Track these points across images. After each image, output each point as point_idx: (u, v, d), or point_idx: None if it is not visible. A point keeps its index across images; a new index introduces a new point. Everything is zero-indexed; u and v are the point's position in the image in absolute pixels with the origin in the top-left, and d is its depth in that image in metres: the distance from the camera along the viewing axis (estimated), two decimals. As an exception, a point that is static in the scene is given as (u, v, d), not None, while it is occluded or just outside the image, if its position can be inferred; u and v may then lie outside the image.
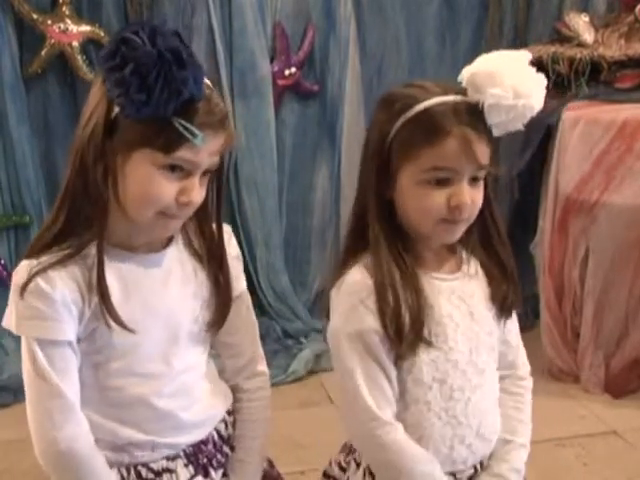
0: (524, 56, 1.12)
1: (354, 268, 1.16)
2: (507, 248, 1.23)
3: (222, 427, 1.22)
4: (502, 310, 1.23)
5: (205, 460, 1.19)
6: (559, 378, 2.64)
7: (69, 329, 1.06)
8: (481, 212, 1.17)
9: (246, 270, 3.49)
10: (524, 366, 1.31)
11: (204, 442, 1.19)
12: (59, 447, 1.06)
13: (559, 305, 2.66)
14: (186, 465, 1.16)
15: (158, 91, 0.96)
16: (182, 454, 1.16)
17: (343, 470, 1.27)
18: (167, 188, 1.03)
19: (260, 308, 3.04)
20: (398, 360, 1.15)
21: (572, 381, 2.63)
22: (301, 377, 2.72)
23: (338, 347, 1.15)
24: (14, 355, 2.63)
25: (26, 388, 1.09)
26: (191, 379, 1.17)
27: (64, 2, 2.64)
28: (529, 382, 1.31)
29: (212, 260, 1.16)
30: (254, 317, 1.26)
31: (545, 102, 1.13)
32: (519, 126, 1.11)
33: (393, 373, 1.15)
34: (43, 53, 2.64)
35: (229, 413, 1.24)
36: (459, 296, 1.19)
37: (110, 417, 1.11)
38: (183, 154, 1.02)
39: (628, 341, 2.57)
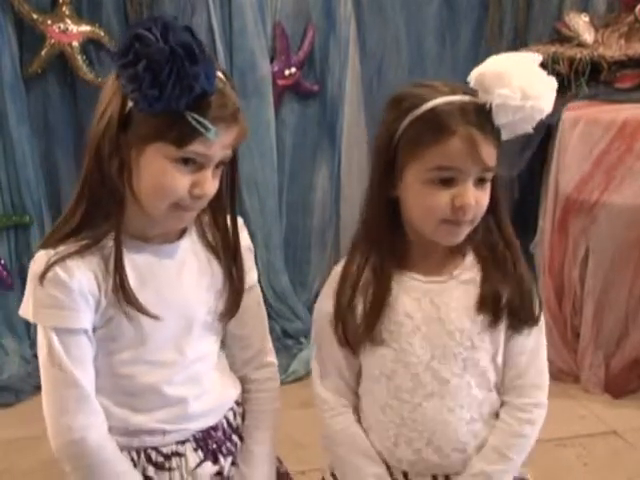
0: (534, 58, 1.12)
1: (344, 259, 1.22)
2: (517, 255, 1.19)
3: (231, 416, 1.24)
4: (497, 317, 1.16)
5: (215, 446, 1.21)
6: (559, 378, 2.63)
7: (85, 318, 1.08)
8: (487, 215, 1.16)
9: (246, 270, 3.43)
10: (527, 396, 1.21)
11: (214, 428, 1.21)
12: (73, 436, 1.08)
13: (559, 305, 2.66)
14: (195, 450, 1.18)
15: (170, 86, 0.98)
16: (191, 438, 1.18)
17: None
18: (180, 181, 1.05)
19: (260, 308, 3.05)
20: (347, 348, 1.19)
21: (572, 381, 2.63)
22: (301, 377, 2.72)
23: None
24: (14, 355, 2.63)
25: (42, 377, 1.11)
26: (203, 369, 1.19)
27: (64, 2, 2.64)
28: (529, 415, 1.20)
29: (226, 251, 1.18)
30: (264, 310, 1.29)
31: (545, 102, 1.12)
32: (528, 129, 1.11)
33: (346, 359, 1.21)
34: (43, 53, 2.64)
35: (238, 404, 1.26)
36: (431, 299, 1.17)
37: (122, 405, 1.13)
38: (196, 148, 1.04)
39: (628, 341, 2.57)
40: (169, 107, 1.00)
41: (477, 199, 1.11)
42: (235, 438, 1.24)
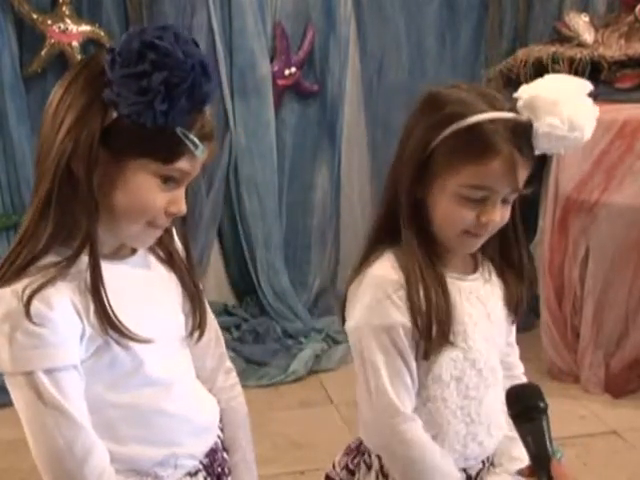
0: (585, 86, 1.10)
1: (377, 263, 1.16)
2: (526, 254, 1.23)
3: (220, 433, 1.21)
4: (515, 314, 1.25)
5: (219, 469, 1.18)
6: (559, 378, 2.64)
7: (73, 351, 0.98)
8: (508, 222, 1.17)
9: (246, 270, 3.48)
10: (519, 367, 1.33)
11: (215, 450, 1.18)
12: None
13: (559, 305, 2.66)
14: (205, 478, 1.15)
15: (183, 102, 0.93)
16: (201, 466, 1.14)
17: (352, 473, 1.26)
18: (159, 198, 1.00)
19: (260, 308, 3.05)
20: (423, 357, 1.15)
21: (572, 381, 2.64)
22: (301, 377, 2.72)
23: (360, 341, 1.15)
24: (14, 355, 2.63)
25: (30, 427, 0.98)
26: (191, 380, 1.16)
27: (64, 2, 2.64)
28: (524, 379, 1.32)
29: (177, 263, 1.14)
30: (212, 314, 1.22)
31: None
32: (560, 151, 1.10)
33: (415, 369, 1.15)
34: (43, 53, 2.64)
35: (220, 420, 1.23)
36: (477, 297, 1.20)
37: (126, 441, 1.06)
38: (182, 165, 0.98)
39: (628, 341, 2.57)
40: (172, 123, 0.94)
41: (502, 215, 1.12)
42: (225, 455, 1.21)
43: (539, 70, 2.65)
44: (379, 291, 1.13)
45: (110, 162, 0.97)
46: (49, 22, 2.63)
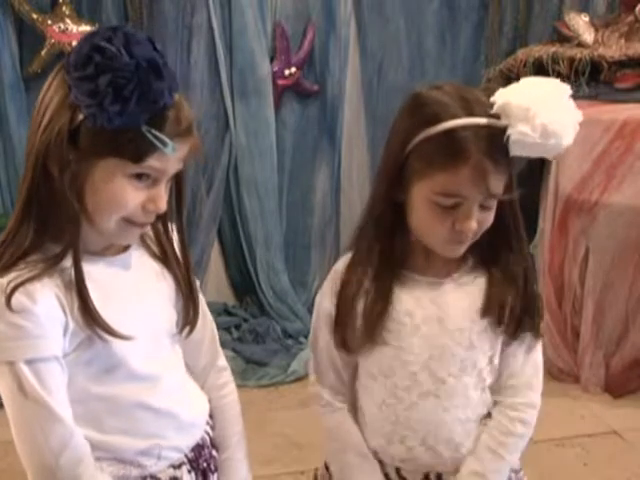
0: (564, 90, 1.08)
1: (344, 256, 1.22)
2: (529, 269, 1.18)
3: (209, 429, 1.22)
4: (500, 323, 1.16)
5: (205, 465, 1.19)
6: (559, 378, 2.64)
7: (55, 344, 1.01)
8: (506, 230, 1.15)
9: (246, 270, 3.48)
10: (523, 397, 1.20)
11: (201, 446, 1.19)
12: (63, 475, 1.02)
13: (559, 305, 2.66)
14: (189, 472, 1.16)
15: (134, 103, 0.94)
16: (185, 460, 1.16)
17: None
18: (133, 196, 1.01)
19: (260, 308, 3.05)
20: (345, 347, 1.20)
21: (572, 381, 2.63)
22: (301, 377, 2.72)
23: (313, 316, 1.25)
24: (14, 355, 2.63)
25: (12, 417, 1.02)
26: (179, 376, 1.17)
27: (64, 2, 2.64)
28: (522, 414, 1.19)
29: (172, 260, 1.15)
30: (209, 314, 1.24)
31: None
32: (541, 155, 1.08)
33: (341, 357, 1.21)
34: (43, 53, 2.64)
35: (210, 416, 1.23)
36: (431, 299, 1.17)
37: (109, 430, 1.08)
38: (152, 163, 0.99)
39: (628, 341, 2.57)
40: (130, 123, 0.95)
41: (480, 220, 1.10)
42: (214, 452, 1.22)
43: (539, 70, 2.66)
44: (330, 283, 1.22)
45: (81, 162, 0.99)
46: (49, 22, 2.63)
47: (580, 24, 2.80)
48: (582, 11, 2.95)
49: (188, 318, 1.16)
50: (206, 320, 1.22)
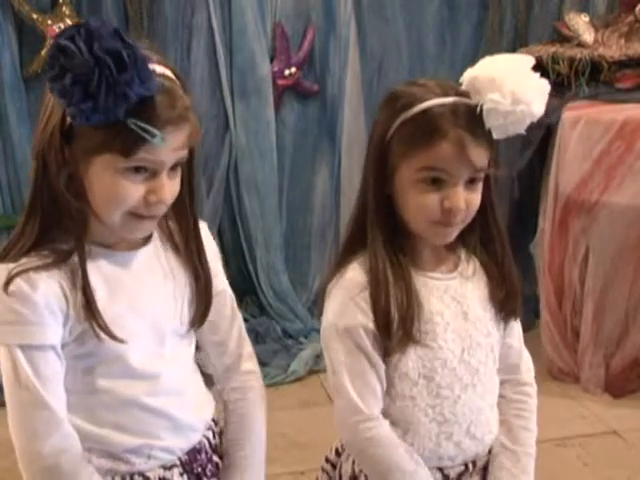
0: (527, 61, 1.11)
1: (351, 265, 1.18)
2: (506, 251, 1.23)
3: (210, 435, 1.21)
4: (502, 311, 1.23)
5: (199, 469, 1.17)
6: (559, 378, 2.64)
7: (53, 333, 1.02)
8: (483, 213, 1.17)
9: (246, 270, 3.48)
10: (528, 372, 1.30)
11: (198, 450, 1.17)
12: (44, 462, 1.02)
13: (559, 305, 2.66)
14: (181, 474, 1.14)
15: (103, 97, 0.93)
16: (178, 462, 1.14)
17: (338, 455, 1.29)
18: (133, 190, 1.01)
19: (260, 308, 3.05)
20: (386, 356, 1.16)
21: (572, 381, 2.63)
22: (301, 377, 2.72)
23: (328, 342, 1.18)
24: (14, 355, 2.63)
25: (7, 398, 1.03)
26: (181, 377, 1.15)
27: (64, 2, 2.64)
28: (532, 388, 1.29)
29: (191, 254, 1.14)
30: (239, 316, 1.23)
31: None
32: (520, 130, 1.11)
33: (382, 369, 1.16)
34: (43, 53, 2.63)
35: (215, 422, 1.23)
36: (452, 296, 1.19)
37: (102, 423, 1.08)
38: (144, 155, 0.99)
39: (628, 341, 2.57)
40: (107, 118, 0.95)
41: (468, 201, 1.12)
42: (215, 458, 1.21)
43: (539, 70, 2.65)
44: (345, 294, 1.16)
45: (77, 160, 1.00)
46: (49, 22, 2.63)
47: (580, 24, 2.80)
48: (582, 11, 2.95)
49: (198, 314, 1.15)
50: (234, 323, 1.22)
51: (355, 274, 1.17)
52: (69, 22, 2.64)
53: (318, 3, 2.95)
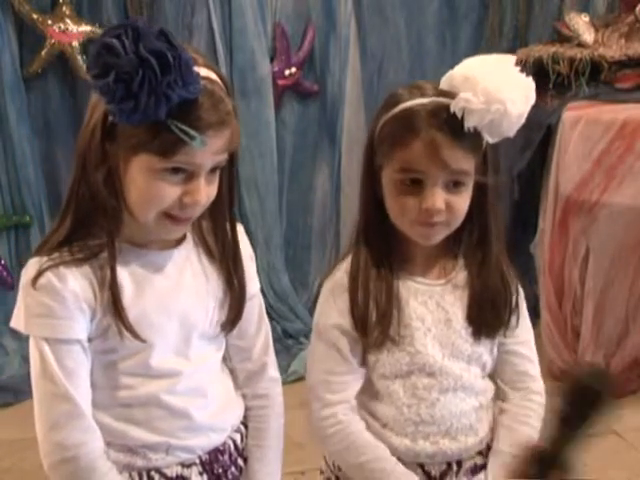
0: (508, 60, 1.11)
1: (341, 266, 1.20)
2: (500, 261, 1.21)
3: (238, 437, 1.20)
4: (478, 329, 1.20)
5: (220, 470, 1.17)
6: (559, 378, 2.64)
7: (80, 328, 1.04)
8: (479, 219, 1.17)
9: (246, 270, 3.41)
10: (538, 381, 1.27)
11: (221, 451, 1.17)
12: (64, 454, 1.04)
13: (559, 305, 2.66)
14: (200, 474, 1.14)
15: (144, 97, 0.93)
16: (198, 461, 1.14)
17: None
18: (169, 191, 1.01)
19: (260, 308, 3.05)
20: (364, 353, 1.18)
21: (572, 381, 2.63)
22: (301, 377, 2.71)
23: (312, 338, 1.22)
24: (14, 355, 2.63)
25: (34, 390, 1.06)
26: (205, 379, 1.15)
27: (64, 2, 2.64)
28: (542, 398, 1.27)
29: (225, 259, 1.14)
30: (267, 322, 1.23)
31: (545, 102, 1.12)
32: (509, 133, 1.10)
33: (358, 371, 1.19)
34: (43, 53, 2.64)
35: (245, 425, 1.22)
36: (437, 302, 1.19)
37: (122, 418, 1.09)
38: (182, 157, 0.99)
39: (628, 341, 2.57)
40: (147, 118, 0.95)
41: (450, 204, 1.11)
42: (240, 462, 1.20)
43: (539, 70, 2.66)
44: (329, 294, 1.20)
45: (118, 158, 1.01)
46: (49, 22, 2.63)
47: (580, 24, 2.80)
48: (582, 11, 2.94)
49: (230, 317, 1.15)
50: (261, 330, 1.22)
51: (340, 276, 1.19)
52: (69, 22, 2.64)
53: (318, 3, 2.95)
